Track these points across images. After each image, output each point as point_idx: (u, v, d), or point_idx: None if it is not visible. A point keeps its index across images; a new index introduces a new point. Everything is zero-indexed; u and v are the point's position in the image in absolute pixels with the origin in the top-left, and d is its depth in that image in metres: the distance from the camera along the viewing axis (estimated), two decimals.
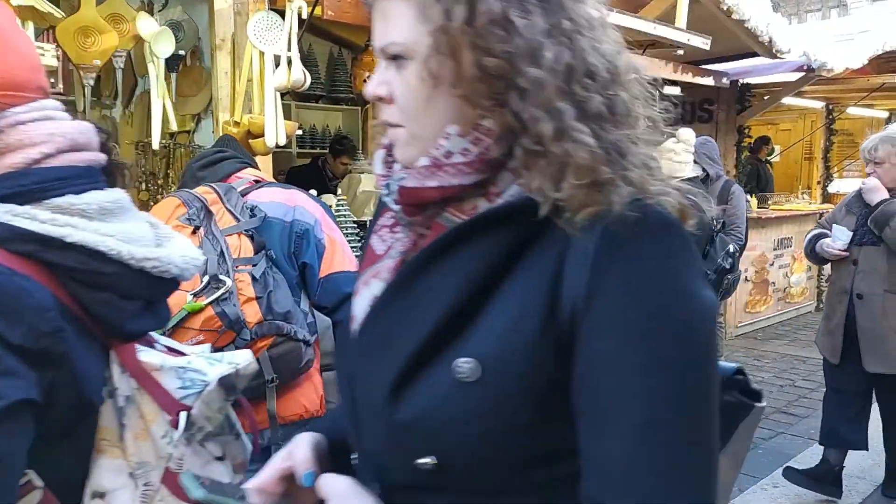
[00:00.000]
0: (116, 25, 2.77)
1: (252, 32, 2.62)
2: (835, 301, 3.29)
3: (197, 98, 3.40)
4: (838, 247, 3.17)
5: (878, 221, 3.03)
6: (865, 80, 6.62)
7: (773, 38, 4.85)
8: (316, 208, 1.85)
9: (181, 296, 1.55)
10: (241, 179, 1.91)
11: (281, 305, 1.65)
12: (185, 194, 1.73)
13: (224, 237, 1.65)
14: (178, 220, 1.65)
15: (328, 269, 1.79)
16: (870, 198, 3.10)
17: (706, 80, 4.99)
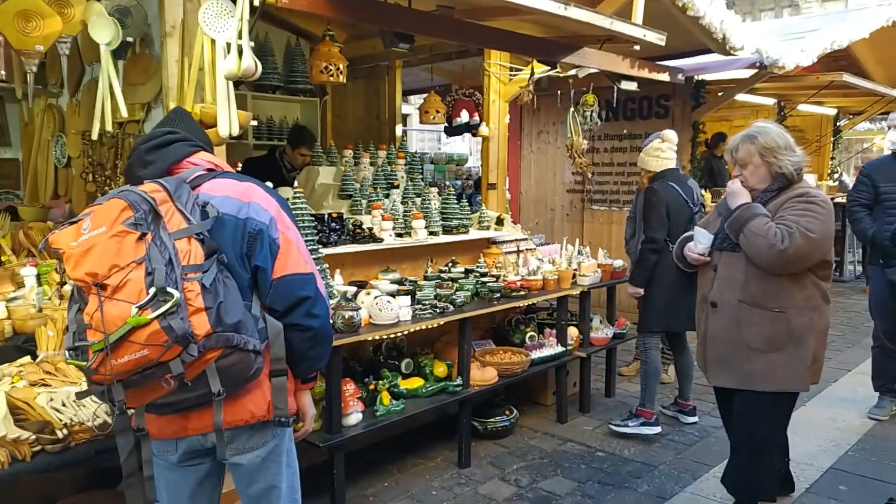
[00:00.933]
0: (60, 10, 2.67)
1: (203, 19, 2.55)
2: (699, 309, 3.01)
3: (146, 86, 3.30)
4: (698, 251, 2.91)
5: (732, 227, 2.74)
6: (815, 77, 6.80)
7: (727, 35, 4.94)
8: (271, 204, 1.80)
9: (125, 308, 1.49)
10: (193, 168, 1.83)
11: (231, 315, 1.61)
12: (131, 195, 1.61)
13: (174, 241, 1.58)
14: (124, 224, 1.55)
15: (281, 271, 1.76)
16: (730, 202, 2.80)
17: (662, 75, 5.06)
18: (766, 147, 2.71)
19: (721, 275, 2.81)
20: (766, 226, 2.59)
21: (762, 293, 2.70)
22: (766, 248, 2.58)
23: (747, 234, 2.64)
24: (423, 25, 3.47)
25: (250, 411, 1.77)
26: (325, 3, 2.89)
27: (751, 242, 2.63)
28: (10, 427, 2.08)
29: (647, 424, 4.22)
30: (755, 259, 2.65)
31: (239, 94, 5.11)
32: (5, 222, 3.41)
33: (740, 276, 2.73)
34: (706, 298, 2.89)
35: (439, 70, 6.50)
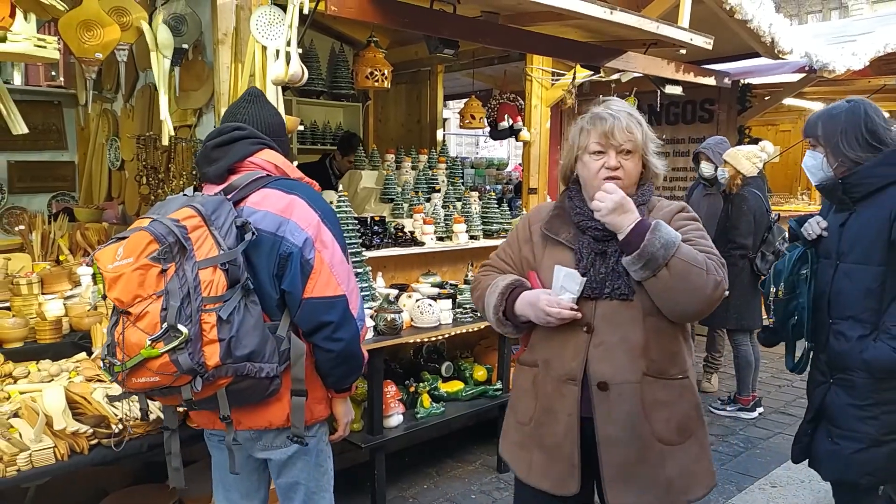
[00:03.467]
0: (119, 19, 2.76)
1: (254, 27, 2.61)
2: (558, 395, 1.87)
3: (199, 92, 3.39)
4: (564, 303, 1.80)
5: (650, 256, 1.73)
6: (866, 81, 6.62)
7: (775, 38, 4.84)
8: (311, 221, 1.82)
9: (142, 337, 1.60)
10: (250, 172, 1.88)
11: (244, 346, 1.68)
12: (160, 227, 1.66)
13: (197, 272, 1.65)
14: (148, 258, 1.62)
15: (309, 293, 1.80)
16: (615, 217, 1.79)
17: (708, 80, 4.98)
18: (646, 134, 1.88)
19: (605, 338, 1.80)
20: (696, 253, 1.74)
21: (664, 356, 1.83)
22: (709, 286, 1.71)
23: (678, 266, 1.69)
24: (468, 31, 3.49)
25: (269, 420, 1.88)
26: (373, 9, 2.93)
27: (686, 279, 1.70)
28: (70, 420, 2.16)
29: (743, 409, 4.62)
30: (685, 303, 1.74)
31: (285, 99, 5.21)
32: (63, 223, 3.54)
33: (638, 335, 1.79)
34: (576, 377, 1.82)
35: (480, 75, 6.52)
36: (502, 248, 2.08)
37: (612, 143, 1.81)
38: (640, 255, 1.71)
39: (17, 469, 2.00)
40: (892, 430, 2.27)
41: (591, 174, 1.85)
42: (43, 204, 4.70)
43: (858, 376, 2.26)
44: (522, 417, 1.98)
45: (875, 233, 2.23)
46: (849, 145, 2.29)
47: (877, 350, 2.21)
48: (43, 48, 2.40)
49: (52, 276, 3.03)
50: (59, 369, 2.56)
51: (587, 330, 1.82)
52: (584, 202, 1.90)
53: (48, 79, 6.51)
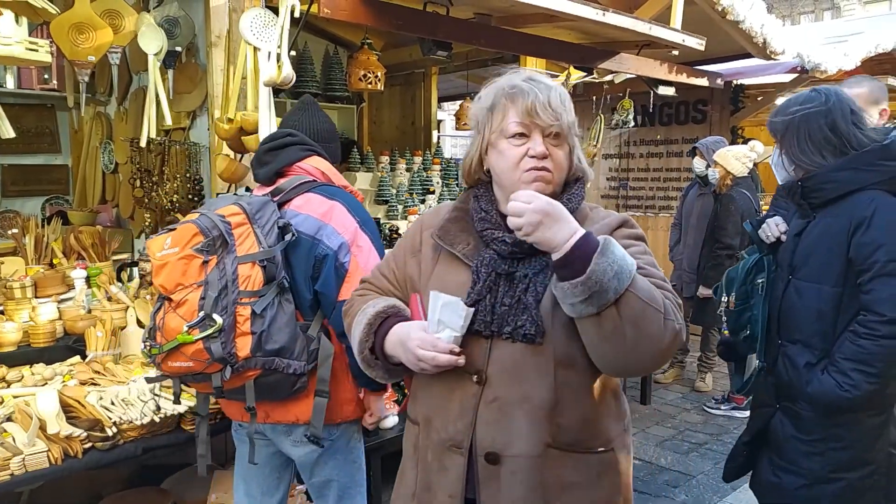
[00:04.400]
0: (111, 22, 2.76)
1: (247, 28, 2.61)
2: (437, 466, 1.42)
3: (192, 95, 3.40)
4: (442, 344, 1.33)
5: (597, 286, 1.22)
6: None
7: (767, 39, 4.87)
8: (349, 226, 1.90)
9: (180, 323, 1.70)
10: (297, 176, 1.98)
11: (274, 341, 1.76)
12: (206, 221, 1.76)
13: (236, 266, 1.74)
14: (192, 249, 1.73)
15: (344, 296, 1.83)
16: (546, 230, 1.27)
17: (700, 80, 5.00)
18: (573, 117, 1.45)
19: (500, 392, 1.35)
20: (653, 289, 1.26)
21: (580, 421, 1.37)
22: (667, 336, 1.25)
23: (631, 304, 1.21)
24: (462, 33, 3.50)
25: (296, 415, 1.94)
26: (366, 12, 2.94)
27: (639, 323, 1.22)
28: (63, 424, 2.15)
29: (737, 408, 4.55)
30: (634, 356, 1.25)
31: (278, 101, 5.20)
32: (57, 226, 3.53)
33: (544, 392, 1.33)
34: (462, 444, 1.37)
35: (475, 77, 6.52)
36: (386, 258, 1.63)
37: (536, 123, 1.35)
38: (584, 283, 1.18)
39: (11, 473, 1.99)
40: (838, 467, 2.00)
41: (509, 164, 1.36)
42: (36, 207, 4.69)
43: (804, 409, 2.00)
44: (406, 489, 1.52)
45: (831, 247, 1.93)
46: (800, 146, 1.98)
47: (822, 384, 1.93)
48: (35, 51, 2.39)
49: (46, 280, 3.02)
50: (53, 373, 2.55)
51: (478, 380, 1.35)
52: (492, 204, 1.43)
53: (41, 82, 6.49)
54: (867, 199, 1.89)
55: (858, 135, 1.94)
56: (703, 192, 4.70)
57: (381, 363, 1.46)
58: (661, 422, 4.59)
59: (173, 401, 1.96)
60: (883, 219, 1.86)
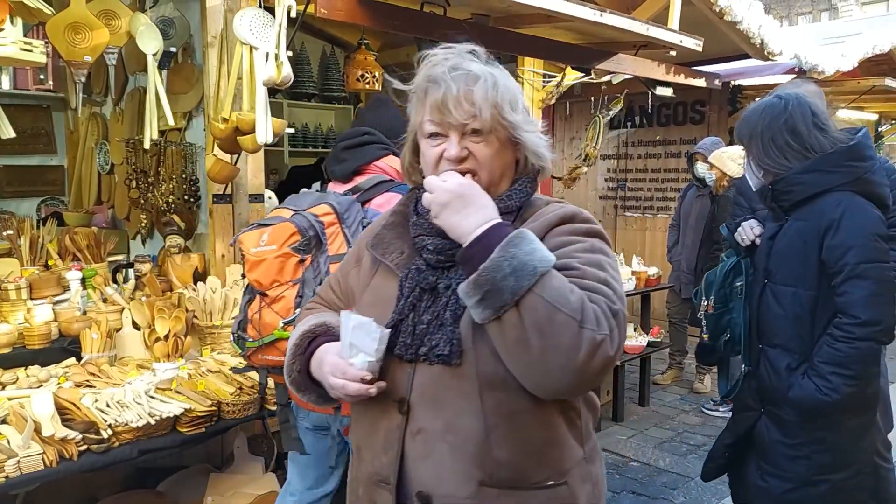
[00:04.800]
0: (107, 22, 2.75)
1: (245, 28, 2.60)
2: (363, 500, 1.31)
3: (188, 95, 3.38)
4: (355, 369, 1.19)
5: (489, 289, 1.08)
6: (856, 82, 6.66)
7: (764, 40, 4.87)
8: None
9: (276, 319, 1.79)
10: (374, 175, 2.03)
11: None
12: (302, 221, 1.83)
13: (328, 265, 1.82)
14: (290, 248, 1.81)
15: None
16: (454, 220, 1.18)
17: (698, 81, 5.00)
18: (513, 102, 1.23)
19: (424, 423, 1.19)
20: (570, 291, 1.07)
21: (522, 452, 1.17)
22: (582, 347, 1.04)
23: (534, 307, 1.05)
24: (459, 33, 3.48)
25: None
26: (363, 12, 2.93)
27: (544, 330, 1.04)
28: (58, 427, 2.14)
29: None
30: (542, 370, 1.07)
31: (275, 101, 5.19)
32: (52, 227, 3.51)
33: (470, 421, 1.16)
34: (389, 479, 1.22)
35: None
36: (336, 270, 1.51)
37: (448, 122, 1.18)
38: (475, 281, 1.06)
39: (6, 476, 1.98)
40: (823, 469, 2.02)
41: (429, 167, 1.23)
42: (32, 208, 4.68)
43: (787, 413, 2.02)
44: None
45: (803, 251, 1.95)
46: (765, 150, 2.00)
47: (802, 388, 1.94)
48: (29, 52, 2.38)
49: (41, 281, 3.01)
50: (48, 375, 2.54)
51: (401, 410, 1.19)
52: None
53: (37, 83, 6.48)
54: (835, 202, 1.91)
55: (820, 137, 1.96)
56: (701, 193, 4.70)
57: (312, 387, 1.31)
58: (659, 423, 4.58)
59: (258, 391, 2.14)
60: (851, 221, 1.88)
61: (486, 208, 1.13)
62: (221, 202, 3.11)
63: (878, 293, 1.85)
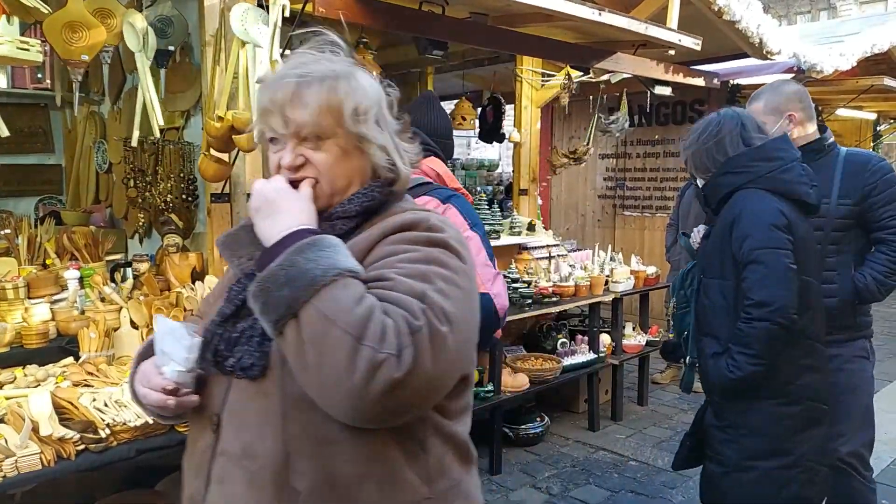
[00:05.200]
0: (104, 20, 2.74)
1: (237, 24, 2.59)
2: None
3: (187, 94, 3.38)
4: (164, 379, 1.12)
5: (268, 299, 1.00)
6: (854, 81, 6.66)
7: (763, 39, 4.87)
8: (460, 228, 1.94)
9: None
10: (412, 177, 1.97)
11: None
12: None
13: None
14: None
15: None
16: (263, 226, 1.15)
17: (697, 80, 5.00)
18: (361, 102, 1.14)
19: (227, 445, 1.10)
20: (356, 304, 0.96)
21: (328, 487, 1.05)
22: (357, 369, 0.92)
23: (311, 322, 0.96)
24: (458, 33, 3.49)
25: None
26: (361, 11, 2.92)
27: (318, 347, 0.95)
28: (56, 426, 2.13)
29: None
30: (317, 390, 0.98)
31: None
32: (50, 226, 3.51)
33: (270, 445, 1.06)
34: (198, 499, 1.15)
35: (471, 76, 6.52)
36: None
37: (274, 128, 1.11)
38: (253, 292, 1.00)
39: (3, 475, 1.98)
40: (752, 455, 2.12)
41: (273, 174, 1.16)
42: (29, 207, 4.66)
43: (715, 397, 2.21)
44: None
45: (720, 245, 2.16)
46: (702, 166, 2.27)
47: (717, 369, 2.11)
48: (26, 51, 2.37)
49: (39, 281, 3.00)
50: (46, 374, 2.53)
51: (214, 427, 1.11)
52: None
53: (34, 81, 6.46)
54: (741, 198, 2.15)
55: (741, 145, 2.20)
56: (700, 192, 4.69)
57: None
58: (658, 423, 4.59)
59: None
60: (748, 212, 2.10)
61: (295, 214, 1.05)
62: (219, 201, 3.10)
63: (770, 276, 2.03)
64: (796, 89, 2.60)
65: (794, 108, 2.54)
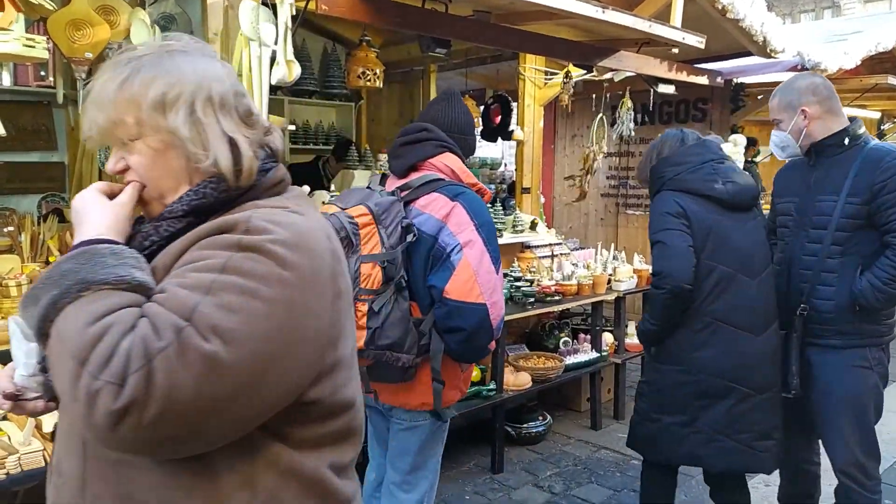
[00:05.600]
0: (107, 17, 2.74)
1: (246, 23, 2.58)
2: None
3: None
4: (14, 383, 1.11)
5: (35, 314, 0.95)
6: (858, 80, 6.64)
7: (767, 37, 4.85)
8: (466, 227, 1.97)
9: None
10: (426, 173, 2.09)
11: (387, 337, 1.92)
12: (334, 222, 1.86)
13: (359, 265, 1.89)
14: None
15: (449, 294, 1.94)
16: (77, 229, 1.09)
17: (700, 79, 4.99)
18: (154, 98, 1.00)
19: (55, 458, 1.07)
20: (90, 323, 0.86)
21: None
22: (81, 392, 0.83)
23: (53, 341, 0.89)
24: (461, 31, 3.48)
25: (403, 400, 2.12)
26: (364, 8, 2.92)
27: (54, 370, 0.91)
28: None
29: None
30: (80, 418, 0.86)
31: (276, 98, 5.18)
32: (53, 224, 3.51)
33: (75, 462, 1.01)
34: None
35: (473, 74, 6.51)
36: None
37: (88, 133, 1.05)
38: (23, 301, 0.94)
39: (6, 472, 1.98)
40: (659, 410, 2.54)
41: None
42: (33, 205, 4.67)
43: (645, 356, 2.78)
44: None
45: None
46: (646, 182, 2.72)
47: (640, 325, 2.67)
48: (32, 48, 2.37)
49: None
50: None
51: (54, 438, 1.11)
52: None
53: (38, 79, 6.46)
54: (654, 200, 2.60)
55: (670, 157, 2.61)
56: None
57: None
58: None
59: None
60: (652, 209, 2.58)
61: (94, 224, 0.99)
62: None
63: (664, 251, 2.44)
64: (809, 83, 2.51)
65: (807, 103, 2.47)
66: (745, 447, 2.46)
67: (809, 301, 2.46)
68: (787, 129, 2.53)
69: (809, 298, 2.47)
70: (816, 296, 2.45)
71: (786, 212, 2.64)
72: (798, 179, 2.59)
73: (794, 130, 2.51)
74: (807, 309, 2.47)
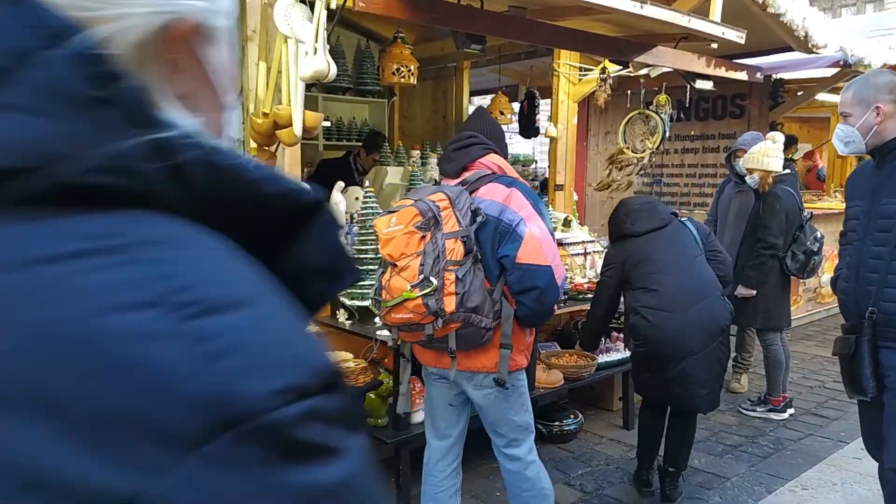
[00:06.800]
0: None
1: (282, 20, 2.61)
2: None
3: None
4: None
5: None
6: None
7: (809, 32, 4.75)
8: (524, 206, 2.32)
9: (404, 284, 2.18)
10: (479, 170, 2.41)
11: (472, 301, 2.21)
12: (423, 205, 2.21)
13: (444, 241, 2.20)
14: (413, 226, 2.19)
15: (521, 259, 2.26)
16: None
17: (739, 74, 4.90)
18: None
19: None
20: None
21: None
22: None
23: None
24: (496, 26, 3.47)
25: (481, 364, 2.39)
26: (400, 5, 2.93)
27: None
28: None
29: (774, 410, 4.53)
30: None
31: (310, 95, 5.22)
32: None
33: None
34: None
35: (507, 70, 6.49)
36: None
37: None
38: None
39: None
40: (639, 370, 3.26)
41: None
42: None
43: None
44: None
45: None
46: None
47: None
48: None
49: None
50: None
51: None
52: None
53: None
54: None
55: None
56: (741, 188, 4.57)
57: None
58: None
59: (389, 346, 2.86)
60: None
61: None
62: None
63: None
64: (889, 80, 2.46)
65: (883, 100, 2.42)
66: (688, 393, 3.14)
67: (877, 304, 2.43)
68: (855, 125, 2.48)
69: (877, 301, 2.43)
70: (884, 298, 2.42)
71: (854, 216, 2.62)
72: (865, 183, 2.56)
73: (864, 127, 2.46)
74: (875, 312, 2.43)
